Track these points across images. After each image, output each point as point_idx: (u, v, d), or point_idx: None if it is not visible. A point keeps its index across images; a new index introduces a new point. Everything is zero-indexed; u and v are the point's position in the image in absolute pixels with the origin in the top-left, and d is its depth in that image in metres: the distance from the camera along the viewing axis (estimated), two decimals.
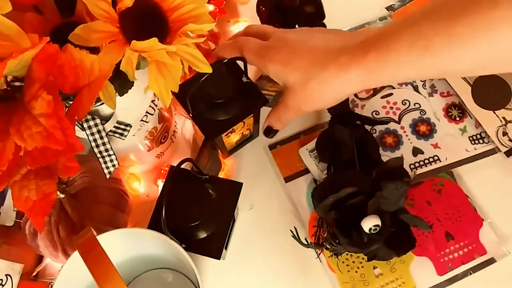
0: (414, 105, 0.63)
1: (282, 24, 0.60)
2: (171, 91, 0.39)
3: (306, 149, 0.61)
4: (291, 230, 0.53)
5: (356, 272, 0.55)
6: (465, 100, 0.61)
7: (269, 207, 0.60)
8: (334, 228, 0.49)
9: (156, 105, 0.52)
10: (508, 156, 0.59)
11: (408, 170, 0.59)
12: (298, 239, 0.53)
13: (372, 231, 0.46)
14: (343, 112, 0.58)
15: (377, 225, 0.46)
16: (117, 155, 0.48)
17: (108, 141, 0.46)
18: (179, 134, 0.64)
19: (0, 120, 0.33)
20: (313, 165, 0.60)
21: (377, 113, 0.63)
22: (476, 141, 0.60)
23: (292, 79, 0.44)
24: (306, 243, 0.53)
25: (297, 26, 0.59)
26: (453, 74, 0.57)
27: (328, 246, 0.52)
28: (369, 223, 0.46)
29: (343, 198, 0.48)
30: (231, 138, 0.56)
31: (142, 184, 0.63)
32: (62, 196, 0.51)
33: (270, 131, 0.51)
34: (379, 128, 0.62)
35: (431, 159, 0.59)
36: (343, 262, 0.55)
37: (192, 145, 0.65)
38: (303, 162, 0.61)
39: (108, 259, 0.36)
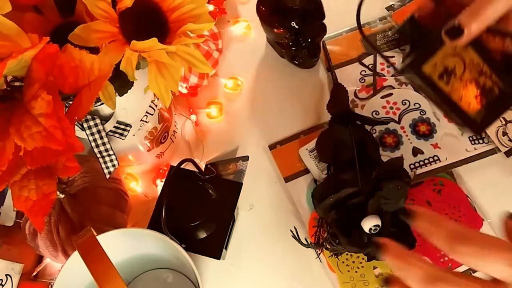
0: (414, 105, 0.63)
1: (282, 24, 0.60)
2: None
3: (306, 149, 0.61)
4: (291, 230, 0.53)
5: (356, 272, 0.55)
6: None
7: (269, 207, 0.60)
8: (334, 228, 0.49)
9: (156, 105, 0.52)
10: (508, 156, 0.59)
11: (408, 170, 0.59)
12: (298, 239, 0.52)
13: (372, 231, 0.46)
14: (342, 112, 0.58)
15: (377, 225, 0.46)
16: (117, 155, 0.48)
17: (108, 141, 0.46)
18: (179, 134, 0.64)
19: (0, 120, 0.33)
20: (313, 165, 0.60)
21: (377, 113, 0.63)
22: (476, 141, 0.60)
23: None
24: (306, 243, 0.53)
25: (294, 24, 0.59)
26: None
27: (328, 246, 0.52)
28: (369, 223, 0.46)
29: (343, 198, 0.48)
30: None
31: (140, 184, 0.63)
32: (62, 196, 0.51)
33: (456, 31, 0.39)
34: (379, 128, 0.62)
35: (431, 159, 0.59)
36: (343, 262, 0.55)
37: (192, 145, 0.65)
38: (303, 162, 0.61)
39: (108, 259, 0.36)
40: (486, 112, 0.44)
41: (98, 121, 0.45)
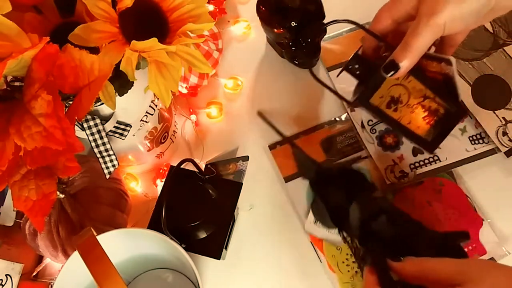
0: None
1: (282, 24, 0.60)
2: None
3: (310, 222, 0.57)
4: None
5: (356, 272, 0.55)
6: (465, 100, 0.61)
7: (269, 207, 0.60)
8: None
9: (156, 105, 0.52)
10: (508, 156, 0.59)
11: (408, 170, 0.59)
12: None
13: None
14: (315, 174, 0.53)
15: None
16: (117, 155, 0.48)
17: (108, 141, 0.46)
18: (179, 134, 0.64)
19: (0, 120, 0.33)
20: (326, 234, 0.56)
21: None
22: (476, 141, 0.60)
23: None
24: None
25: (294, 24, 0.59)
26: None
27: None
28: None
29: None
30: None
31: (140, 184, 0.63)
32: (62, 196, 0.51)
33: (392, 66, 0.42)
34: (379, 128, 0.62)
35: (431, 159, 0.59)
36: (343, 262, 0.55)
37: (192, 145, 0.65)
38: (316, 236, 0.56)
39: (108, 259, 0.36)
40: (435, 131, 0.48)
41: (98, 121, 0.45)
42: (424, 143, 0.48)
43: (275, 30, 0.61)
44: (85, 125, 0.44)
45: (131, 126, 0.48)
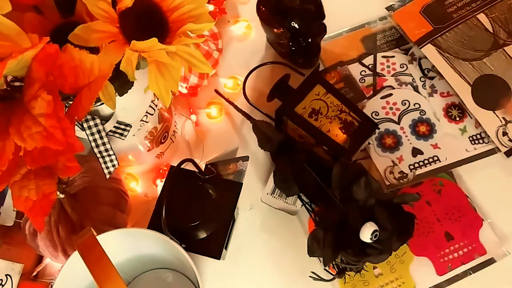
0: (414, 105, 0.63)
1: (282, 24, 0.60)
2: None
3: (267, 193, 0.58)
4: (312, 272, 0.51)
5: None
6: (465, 100, 0.61)
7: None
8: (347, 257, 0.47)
9: (156, 105, 0.52)
10: (508, 156, 0.59)
11: (408, 171, 0.59)
12: (321, 279, 0.51)
13: (374, 238, 0.45)
14: (276, 147, 0.57)
15: (376, 230, 0.45)
16: (117, 155, 0.48)
17: (108, 141, 0.46)
18: (179, 134, 0.64)
19: (0, 120, 0.33)
20: (282, 204, 0.57)
21: (377, 113, 0.63)
22: (476, 141, 0.60)
23: None
24: (330, 276, 0.51)
25: (294, 24, 0.59)
26: None
27: (349, 268, 0.50)
28: (368, 233, 0.44)
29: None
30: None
31: (140, 184, 0.63)
32: (62, 196, 0.51)
33: None
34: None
35: (430, 160, 0.59)
36: None
37: (192, 145, 0.65)
38: (272, 206, 0.59)
39: (108, 259, 0.36)
40: (351, 140, 0.54)
41: (98, 121, 0.45)
42: (342, 150, 0.54)
43: (275, 30, 0.61)
44: (85, 125, 0.44)
45: (131, 126, 0.48)
